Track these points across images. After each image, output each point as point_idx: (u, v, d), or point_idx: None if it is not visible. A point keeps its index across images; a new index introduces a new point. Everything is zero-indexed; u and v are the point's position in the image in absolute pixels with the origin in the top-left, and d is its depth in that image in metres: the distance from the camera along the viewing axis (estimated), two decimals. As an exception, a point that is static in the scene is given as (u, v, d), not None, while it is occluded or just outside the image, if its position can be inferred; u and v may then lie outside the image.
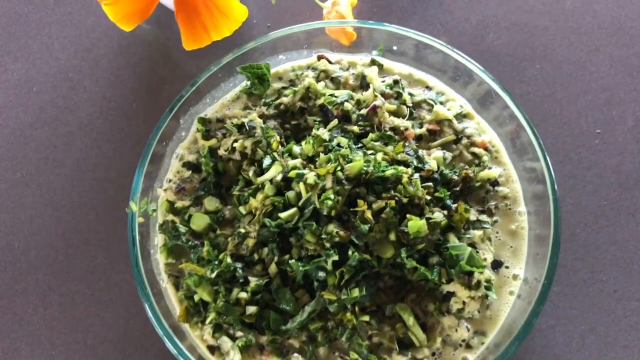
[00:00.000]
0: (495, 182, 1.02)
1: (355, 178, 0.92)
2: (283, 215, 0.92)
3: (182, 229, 1.00)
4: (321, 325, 0.92)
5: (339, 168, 0.92)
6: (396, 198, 0.91)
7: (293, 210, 0.92)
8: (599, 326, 1.12)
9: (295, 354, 0.93)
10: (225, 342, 0.93)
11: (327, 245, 0.89)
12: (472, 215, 0.98)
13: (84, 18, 1.35)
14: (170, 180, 1.05)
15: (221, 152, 1.02)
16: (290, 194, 0.93)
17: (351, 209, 0.92)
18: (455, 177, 0.99)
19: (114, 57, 1.32)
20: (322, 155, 0.94)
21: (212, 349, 0.96)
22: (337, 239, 0.90)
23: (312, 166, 0.94)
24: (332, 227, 0.90)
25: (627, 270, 1.15)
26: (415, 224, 0.90)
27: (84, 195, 1.25)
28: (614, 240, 1.16)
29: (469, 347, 0.95)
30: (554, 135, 1.20)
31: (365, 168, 0.92)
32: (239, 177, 1.02)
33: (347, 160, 0.93)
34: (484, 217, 0.99)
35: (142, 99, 1.29)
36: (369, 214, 0.90)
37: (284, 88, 1.09)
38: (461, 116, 1.07)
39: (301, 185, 0.92)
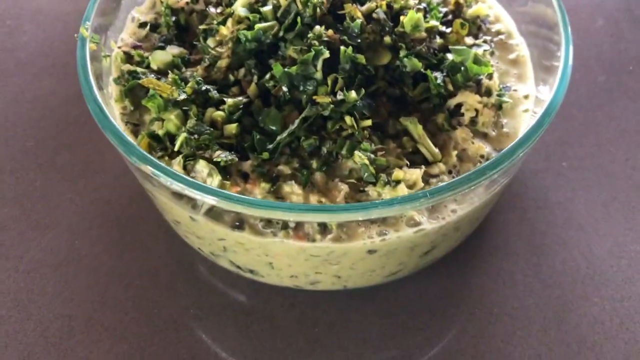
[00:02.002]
0: (486, 21, 0.94)
1: (336, -14, 0.82)
2: (260, 25, 0.80)
3: (141, 70, 0.84)
4: (315, 142, 0.76)
5: None
6: (387, 2, 0.82)
7: (272, 22, 0.81)
8: (620, 194, 0.99)
9: (288, 182, 0.75)
10: (200, 172, 0.74)
11: (316, 43, 0.77)
12: (468, 40, 0.88)
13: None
14: (123, 40, 0.91)
15: (182, 3, 0.91)
16: (266, 9, 0.82)
17: (338, 13, 0.81)
18: (445, 10, 0.91)
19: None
20: None
21: (184, 188, 0.76)
22: (325, 39, 0.78)
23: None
24: (318, 29, 0.78)
25: (636, 142, 1.06)
26: (411, 17, 0.79)
27: (20, 124, 1.09)
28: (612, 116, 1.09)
29: (490, 162, 0.80)
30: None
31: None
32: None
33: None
34: (480, 42, 0.90)
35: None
36: (358, 12, 0.80)
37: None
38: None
39: (278, -7, 0.81)
